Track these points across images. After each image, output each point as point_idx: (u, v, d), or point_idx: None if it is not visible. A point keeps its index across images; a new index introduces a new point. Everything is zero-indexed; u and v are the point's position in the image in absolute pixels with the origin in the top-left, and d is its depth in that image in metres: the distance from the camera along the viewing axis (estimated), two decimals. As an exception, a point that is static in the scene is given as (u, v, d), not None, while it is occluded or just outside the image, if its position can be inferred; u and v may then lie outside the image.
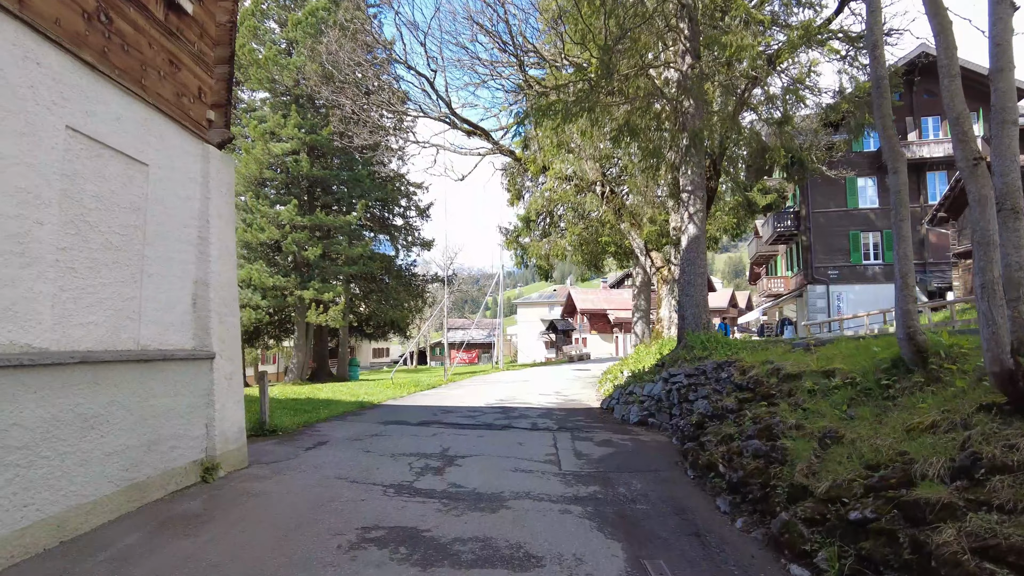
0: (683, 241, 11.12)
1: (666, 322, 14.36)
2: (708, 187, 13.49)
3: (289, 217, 24.13)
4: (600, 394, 14.06)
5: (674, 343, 13.22)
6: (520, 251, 22.23)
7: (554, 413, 11.12)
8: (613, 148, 11.87)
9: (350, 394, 13.63)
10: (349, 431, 9.08)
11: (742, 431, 6.16)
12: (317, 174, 25.97)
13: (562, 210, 22.46)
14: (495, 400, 13.21)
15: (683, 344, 10.59)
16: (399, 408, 11.84)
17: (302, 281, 24.99)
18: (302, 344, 26.73)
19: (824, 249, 27.34)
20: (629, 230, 15.27)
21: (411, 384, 15.89)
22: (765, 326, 38.25)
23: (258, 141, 24.41)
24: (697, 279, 10.87)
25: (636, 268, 20.88)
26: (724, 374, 8.03)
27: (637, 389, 10.30)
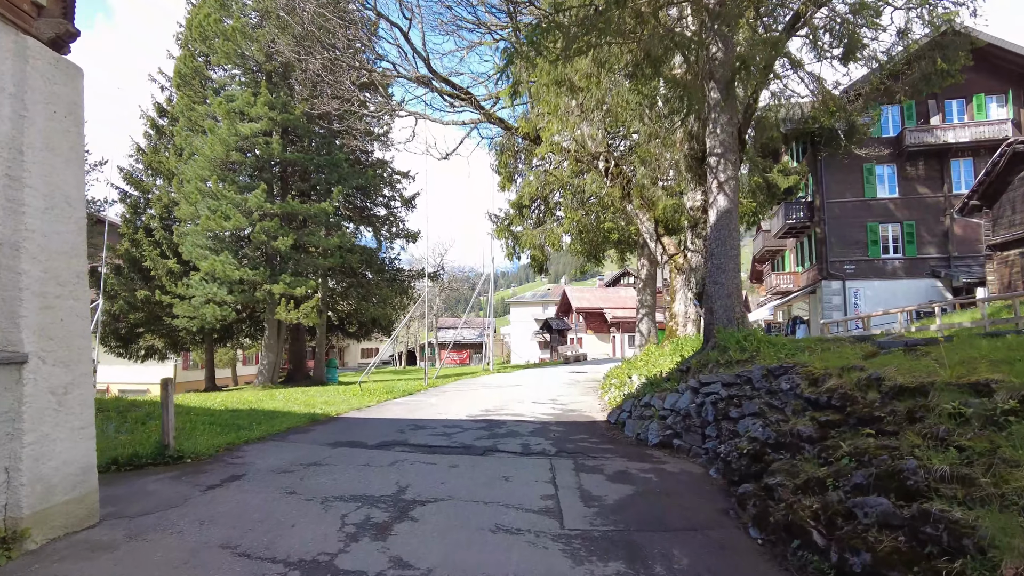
0: (711, 216, 9.01)
1: (681, 318, 12.25)
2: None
3: (257, 204, 21.85)
4: (604, 403, 11.93)
5: (693, 343, 11.12)
6: (512, 241, 20.10)
7: (551, 429, 8.98)
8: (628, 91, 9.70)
9: (306, 403, 11.44)
10: (282, 457, 6.90)
11: (839, 474, 4.05)
12: (290, 157, 23.71)
13: (558, 196, 20.35)
14: (480, 411, 11.05)
15: (712, 344, 8.47)
16: (360, 423, 9.65)
17: (273, 274, 22.74)
18: (273, 344, 24.46)
19: (840, 242, 25.36)
20: (637, 212, 13.15)
21: (384, 391, 13.71)
22: (772, 326, 36.26)
23: (224, 120, 22.12)
24: (729, 263, 8.77)
25: (641, 260, 18.77)
26: (784, 384, 5.91)
27: (656, 401, 8.17)
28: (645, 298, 18.78)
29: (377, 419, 9.96)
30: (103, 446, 6.67)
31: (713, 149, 9.02)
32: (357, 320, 30.65)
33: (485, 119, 12.77)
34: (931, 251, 24.52)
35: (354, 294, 26.90)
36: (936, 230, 24.56)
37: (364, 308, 27.05)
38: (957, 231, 24.24)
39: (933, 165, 24.67)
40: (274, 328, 24.44)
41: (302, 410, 10.43)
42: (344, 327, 32.32)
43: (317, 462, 6.69)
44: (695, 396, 7.40)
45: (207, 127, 22.27)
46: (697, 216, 12.16)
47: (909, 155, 24.58)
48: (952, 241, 24.25)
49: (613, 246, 20.03)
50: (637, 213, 13.20)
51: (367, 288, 26.74)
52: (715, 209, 8.94)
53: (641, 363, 12.19)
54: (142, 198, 26.12)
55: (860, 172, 25.31)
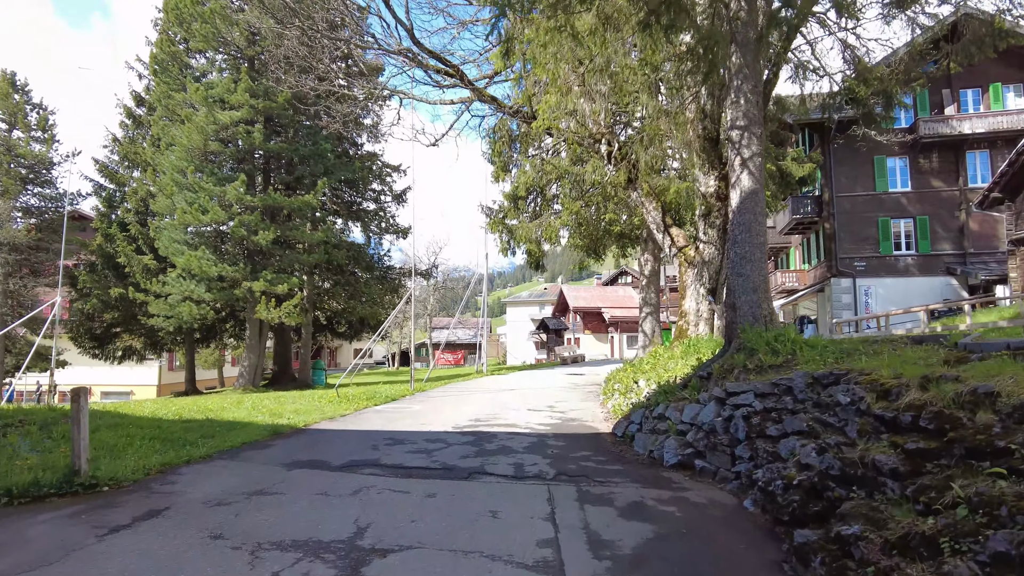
0: (733, 199, 7.83)
1: (692, 316, 11.08)
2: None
3: (236, 196, 20.60)
4: (607, 411, 10.75)
5: (707, 344, 9.95)
6: (507, 235, 18.89)
7: (548, 444, 7.78)
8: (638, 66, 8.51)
9: (274, 412, 10.21)
10: (224, 483, 5.70)
11: (957, 531, 2.86)
12: (273, 148, 22.48)
13: (556, 188, 19.16)
14: (468, 420, 9.85)
15: (736, 346, 7.29)
16: (329, 436, 8.44)
17: (254, 271, 21.49)
18: (255, 345, 23.19)
19: (850, 238, 24.25)
20: (643, 200, 11.97)
21: (364, 397, 12.48)
22: (776, 325, 35.16)
23: (202, 107, 20.86)
24: (755, 252, 7.59)
25: (644, 255, 17.60)
26: (842, 397, 4.73)
27: (672, 413, 6.98)
28: (649, 296, 17.60)
29: (350, 431, 8.74)
30: (2, 471, 5.46)
31: (735, 121, 7.84)
32: (346, 320, 29.44)
33: (476, 97, 11.57)
34: (945, 247, 23.44)
35: (342, 292, 25.65)
36: (951, 225, 23.48)
37: (353, 307, 25.82)
38: (973, 226, 23.16)
39: (948, 157, 23.59)
40: (256, 328, 23.19)
41: (266, 420, 9.20)
42: (333, 327, 31.09)
43: (264, 489, 5.48)
44: (721, 408, 6.22)
45: (184, 115, 21.00)
46: (711, 203, 10.99)
47: (923, 147, 23.49)
48: (968, 237, 23.16)
49: (614, 240, 18.83)
50: (643, 201, 12.02)
51: (355, 286, 25.50)
52: (738, 190, 7.76)
53: (648, 366, 11.01)
54: (117, 191, 24.82)
55: (871, 165, 24.23)
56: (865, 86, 8.43)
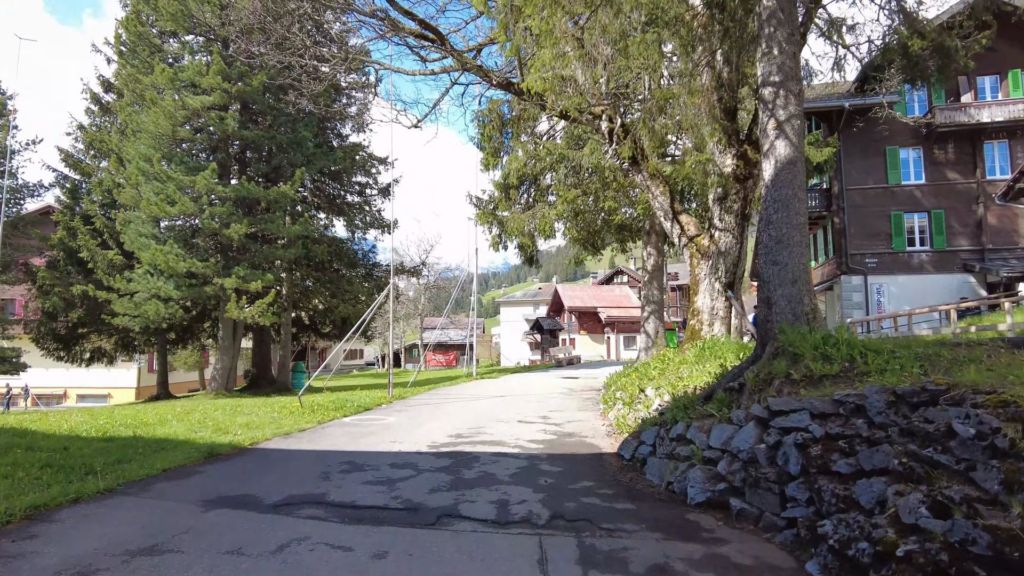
0: (766, 170, 6.44)
1: (706, 315, 9.69)
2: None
3: (206, 186, 19.10)
4: (610, 423, 9.34)
5: (728, 348, 8.56)
6: (497, 228, 17.48)
7: (541, 469, 6.36)
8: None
9: (220, 426, 8.74)
10: (104, 535, 4.25)
11: None
12: (248, 136, 20.97)
13: (550, 179, 17.76)
14: (447, 436, 8.42)
15: (774, 350, 5.90)
16: (274, 458, 6.99)
17: (227, 267, 19.99)
18: (228, 346, 21.68)
19: (861, 233, 22.96)
20: (648, 183, 10.58)
21: (333, 406, 11.01)
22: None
23: (168, 90, 19.34)
24: (793, 235, 6.20)
25: (647, 249, 16.18)
26: (961, 428, 3.32)
27: (696, 435, 5.58)
28: (651, 293, 16.18)
29: (302, 452, 7.30)
30: None
31: (768, 77, 6.45)
32: (330, 320, 27.94)
33: (460, 66, 10.13)
34: (962, 243, 22.17)
35: (324, 291, 24.17)
36: (968, 220, 22.21)
37: (335, 306, 24.32)
38: (992, 221, 21.91)
39: (964, 148, 22.33)
40: (229, 328, 21.68)
41: (206, 437, 7.74)
42: (317, 327, 29.56)
43: (157, 545, 4.04)
44: (763, 431, 4.82)
45: (149, 99, 19.46)
46: (728, 185, 9.61)
47: (938, 137, 22.23)
48: (986, 232, 21.91)
49: (613, 233, 17.44)
50: (649, 185, 10.62)
51: (337, 284, 24.00)
52: (772, 160, 6.37)
53: (656, 372, 9.62)
54: (83, 182, 23.23)
55: (883, 156, 22.96)
56: (920, 39, 7.06)
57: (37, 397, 41.73)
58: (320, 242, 23.05)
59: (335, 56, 11.39)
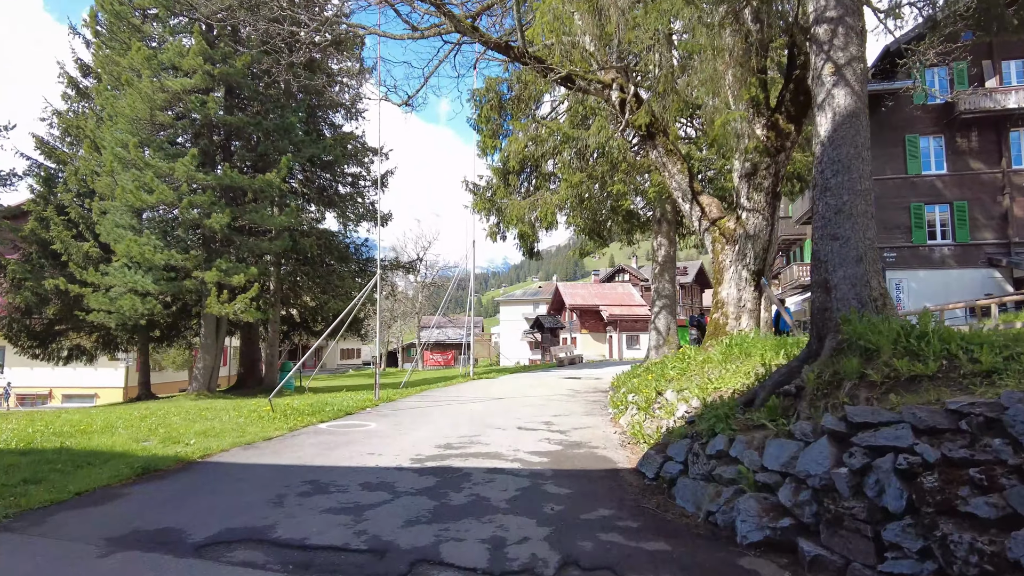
0: (821, 126, 5.27)
1: (732, 307, 8.53)
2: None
3: (186, 173, 17.93)
4: (623, 430, 8.17)
5: (759, 344, 7.39)
6: (495, 217, 16.30)
7: (546, 492, 5.19)
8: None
9: (172, 433, 7.56)
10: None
11: None
12: (232, 121, 19.79)
13: (552, 166, 16.56)
14: (435, 447, 7.24)
15: (836, 345, 4.74)
16: (223, 476, 5.81)
17: (209, 260, 18.82)
18: (210, 344, 20.49)
19: (878, 226, 21.75)
20: (664, 160, 9.40)
21: (310, 410, 9.82)
22: (790, 324, 32.75)
23: (144, 71, 18.15)
24: (857, 203, 5.04)
25: (657, 239, 14.95)
26: None
27: (743, 451, 4.41)
28: (662, 286, 14.96)
29: (261, 467, 6.12)
30: None
31: (822, 12, 5.28)
32: (322, 317, 26.76)
33: (454, 28, 8.96)
34: (987, 236, 21.01)
35: (314, 286, 23.00)
36: (992, 212, 21.05)
37: (326, 302, 23.15)
38: (1018, 212, 20.75)
39: (989, 136, 21.17)
40: (211, 325, 20.49)
41: (150, 448, 6.56)
42: (308, 325, 28.36)
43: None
44: (841, 450, 3.65)
45: (125, 80, 18.28)
46: (757, 158, 8.44)
47: (961, 124, 21.08)
48: (1012, 224, 20.74)
49: (620, 223, 16.20)
50: (664, 162, 9.45)
51: (327, 279, 22.83)
52: (829, 112, 5.20)
53: (675, 372, 8.44)
54: (58, 171, 22.02)
55: (902, 146, 21.80)
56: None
57: (21, 397, 40.56)
58: (309, 234, 21.88)
59: (314, 19, 10.21)
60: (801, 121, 8.46)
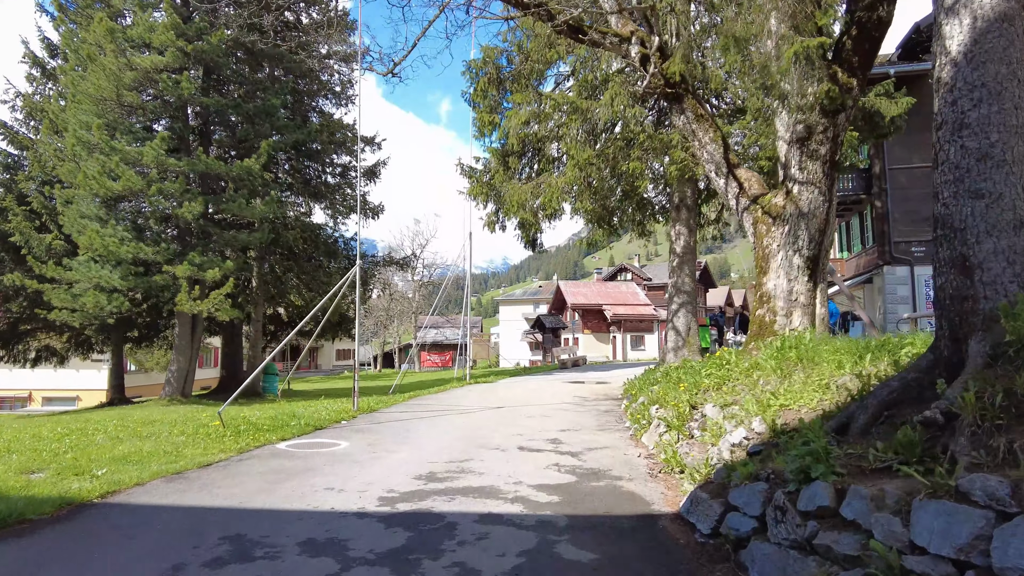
0: (952, 37, 3.74)
1: (781, 301, 6.99)
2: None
3: (155, 159, 16.36)
4: (649, 453, 6.63)
5: (824, 348, 5.84)
6: (493, 202, 14.76)
7: (560, 559, 3.65)
8: None
9: (80, 461, 5.99)
10: None
11: None
12: (208, 102, 18.23)
13: (556, 150, 15.01)
14: (412, 479, 5.70)
15: (991, 349, 3.17)
16: (111, 527, 4.25)
17: (183, 253, 17.26)
18: (184, 345, 18.93)
19: (906, 218, 20.27)
20: (694, 126, 7.86)
21: (271, 425, 8.24)
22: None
23: (109, 46, 16.59)
24: (1010, 143, 3.51)
25: (676, 227, 13.31)
26: None
27: (871, 516, 2.83)
28: (681, 281, 13.35)
29: (176, 511, 4.57)
30: None
31: None
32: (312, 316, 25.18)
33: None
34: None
35: (298, 283, 21.47)
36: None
37: (313, 300, 21.60)
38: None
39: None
40: (186, 325, 18.94)
41: (32, 485, 5.00)
42: (296, 324, 26.79)
43: None
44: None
45: (87, 54, 16.73)
46: (812, 119, 6.89)
47: None
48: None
49: (633, 208, 14.60)
50: (694, 129, 7.91)
51: (314, 276, 21.29)
52: (965, 17, 3.68)
53: (712, 380, 6.89)
54: (21, 157, 20.46)
55: (930, 131, 20.20)
56: None
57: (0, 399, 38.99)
58: (292, 227, 20.35)
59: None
60: (865, 73, 6.92)
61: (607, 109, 10.66)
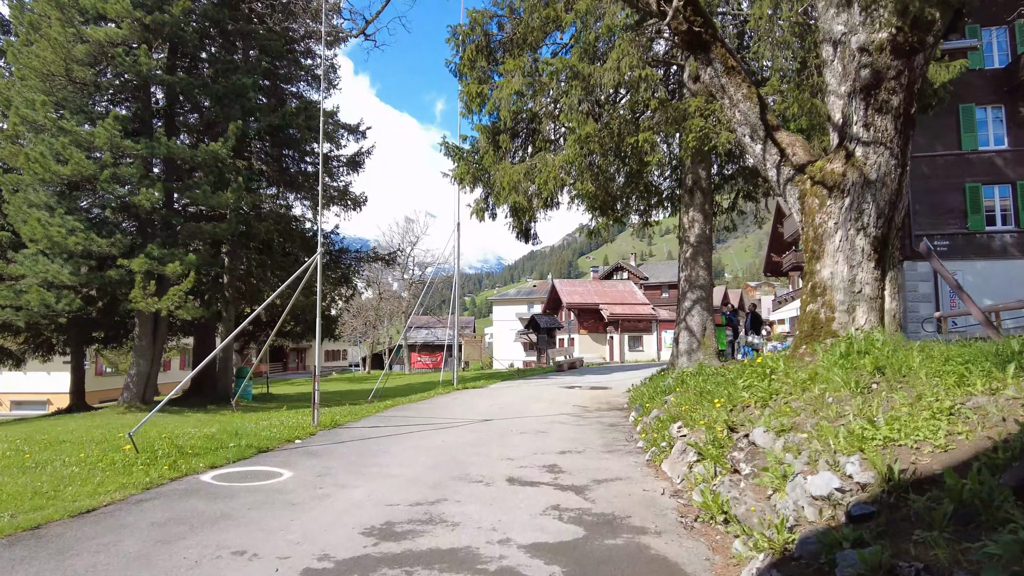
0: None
1: (841, 293, 5.52)
2: None
3: (108, 140, 14.75)
4: (674, 486, 5.12)
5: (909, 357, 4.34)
6: (482, 187, 13.21)
7: None
8: None
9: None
10: None
11: None
12: (171, 80, 16.62)
13: (553, 130, 13.50)
14: (360, 535, 4.20)
15: None
16: None
17: (143, 245, 15.65)
18: (145, 347, 17.29)
19: (927, 210, 18.89)
20: (724, 82, 6.37)
21: (203, 447, 6.68)
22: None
23: (53, 14, 14.97)
24: None
25: (690, 212, 11.66)
26: None
27: None
28: (695, 274, 11.76)
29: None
30: None
31: None
32: (292, 315, 23.60)
33: None
34: (1056, 221, 18.14)
35: (273, 279, 19.86)
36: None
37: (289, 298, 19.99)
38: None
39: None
40: (147, 325, 17.30)
41: None
42: (274, 324, 25.15)
43: None
44: None
45: (29, 22, 15.10)
46: (881, 63, 5.39)
47: (1026, 91, 18.19)
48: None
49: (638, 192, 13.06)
50: (723, 84, 6.44)
51: (288, 271, 19.65)
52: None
53: (754, 394, 5.40)
54: (-32, 142, 18.75)
55: (955, 116, 18.87)
56: None
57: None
58: (266, 218, 18.74)
59: None
60: (948, 3, 5.42)
61: (613, 74, 9.16)
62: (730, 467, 4.76)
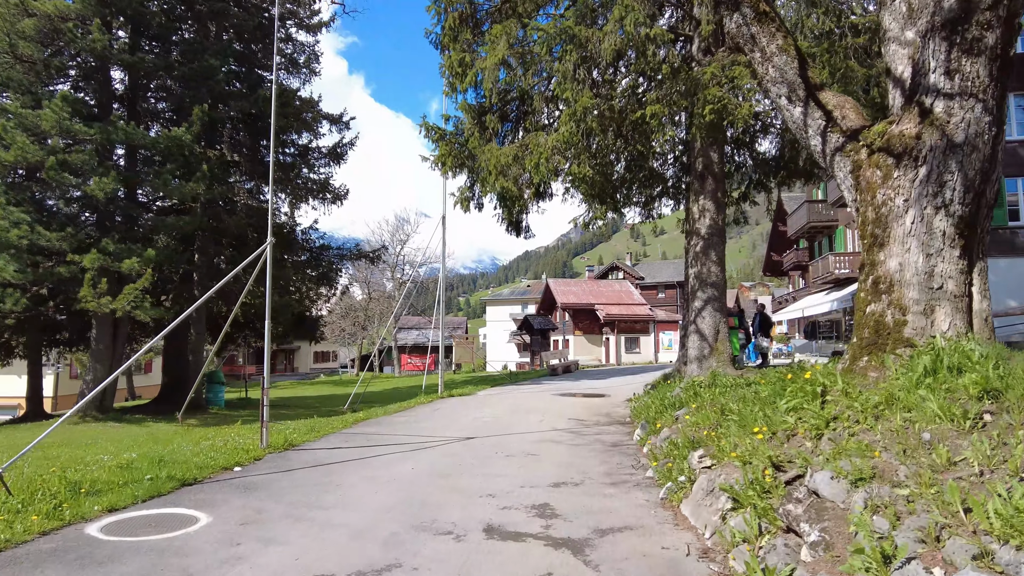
0: None
1: (914, 290, 4.31)
2: None
3: (57, 123, 13.39)
4: (703, 544, 3.82)
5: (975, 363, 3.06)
6: (466, 174, 11.92)
7: None
8: None
9: None
10: None
11: None
12: (132, 61, 15.28)
13: (547, 114, 12.25)
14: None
15: None
16: None
17: (99, 239, 14.29)
18: (103, 350, 15.91)
19: (945, 205, 17.78)
20: (756, 31, 5.13)
21: (107, 481, 5.38)
22: (820, 325, 28.87)
23: (-3, -18, 13.60)
24: None
25: (701, 199, 10.28)
26: None
27: None
28: (706, 270, 10.43)
29: None
30: None
31: None
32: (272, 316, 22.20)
33: None
34: (1083, 216, 17.06)
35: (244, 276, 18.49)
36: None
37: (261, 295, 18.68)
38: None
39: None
40: (106, 326, 15.93)
41: None
42: (254, 326, 23.77)
43: None
44: None
45: (-29, -6, 13.72)
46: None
47: (1051, 78, 17.05)
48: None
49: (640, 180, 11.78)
50: (754, 34, 5.23)
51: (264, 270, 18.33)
52: None
53: (804, 421, 4.16)
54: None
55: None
56: None
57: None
58: (237, 212, 17.39)
59: None
60: None
61: (614, 37, 7.91)
62: (783, 525, 3.51)
